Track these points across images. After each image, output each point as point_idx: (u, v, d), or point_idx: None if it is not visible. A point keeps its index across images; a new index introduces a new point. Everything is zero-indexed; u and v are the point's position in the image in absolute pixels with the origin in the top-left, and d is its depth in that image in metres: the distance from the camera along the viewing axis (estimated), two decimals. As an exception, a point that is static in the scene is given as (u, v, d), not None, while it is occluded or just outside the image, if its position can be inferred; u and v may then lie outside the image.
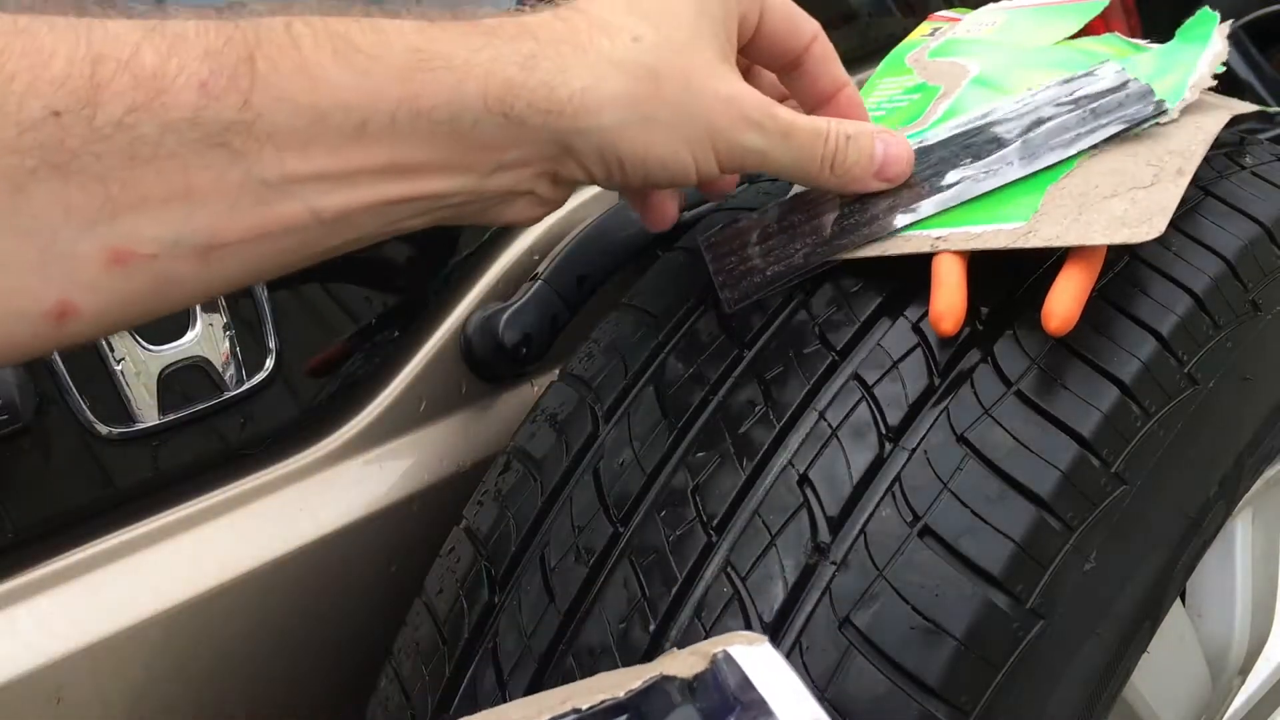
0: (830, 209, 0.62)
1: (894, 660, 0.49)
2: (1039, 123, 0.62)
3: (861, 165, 0.57)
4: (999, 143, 0.61)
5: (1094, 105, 0.61)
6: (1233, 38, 1.03)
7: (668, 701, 0.40)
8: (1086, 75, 0.64)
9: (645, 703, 0.40)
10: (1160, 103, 0.59)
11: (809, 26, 0.57)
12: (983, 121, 0.64)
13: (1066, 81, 0.64)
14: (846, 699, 0.48)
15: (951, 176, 0.60)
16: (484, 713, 0.40)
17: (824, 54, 0.58)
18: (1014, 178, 0.59)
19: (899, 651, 0.49)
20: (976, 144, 0.62)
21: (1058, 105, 0.62)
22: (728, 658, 0.40)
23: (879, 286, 0.59)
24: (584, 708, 0.39)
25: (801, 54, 0.57)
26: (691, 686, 0.41)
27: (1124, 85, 0.62)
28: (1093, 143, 0.59)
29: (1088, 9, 0.77)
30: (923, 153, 0.63)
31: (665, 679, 0.40)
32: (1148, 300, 0.56)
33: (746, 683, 0.39)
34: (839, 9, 1.00)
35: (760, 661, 0.40)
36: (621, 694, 0.40)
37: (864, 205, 0.61)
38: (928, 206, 0.59)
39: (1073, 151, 0.59)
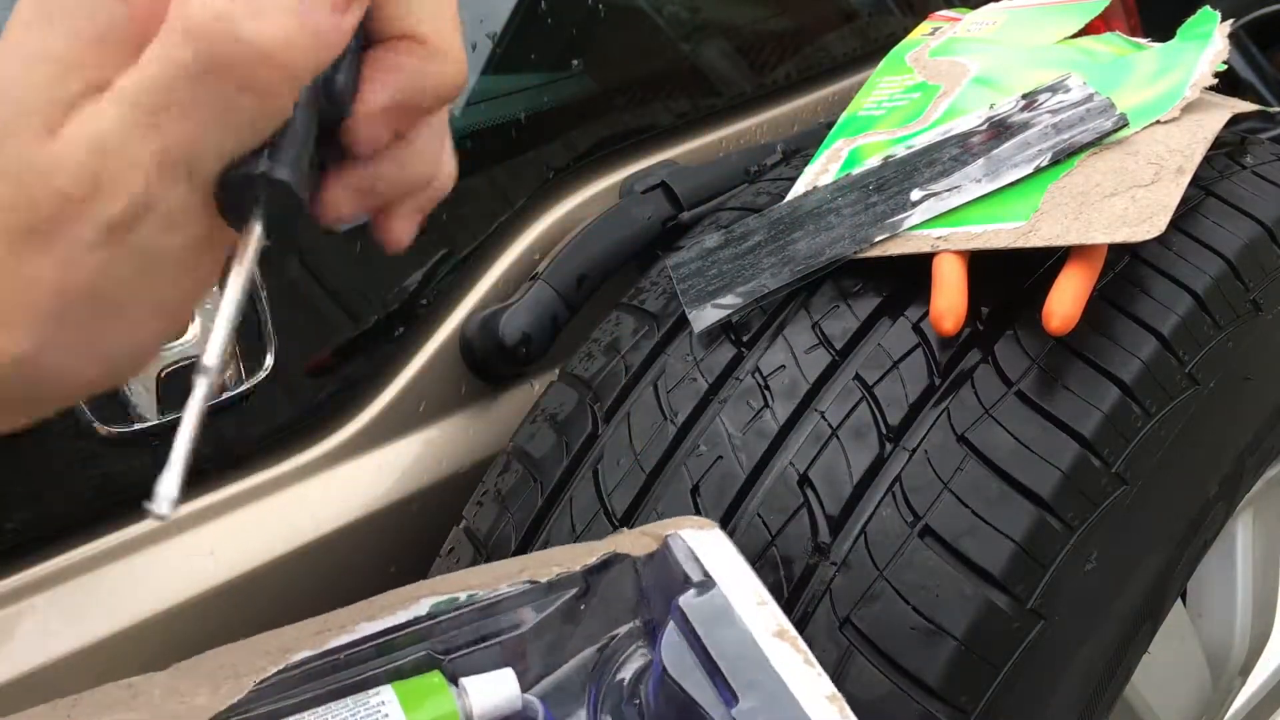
0: (798, 230, 0.62)
1: (894, 660, 0.48)
2: (1002, 138, 0.62)
3: None
4: (962, 159, 0.61)
5: (1057, 120, 0.61)
6: (1233, 37, 1.03)
7: (620, 577, 0.42)
8: (1051, 89, 0.64)
9: (598, 578, 0.42)
10: (1122, 116, 0.59)
11: None
12: (945, 136, 0.64)
13: (1028, 96, 0.64)
14: (847, 699, 0.48)
15: (915, 195, 0.60)
16: (447, 575, 0.41)
17: None
18: (978, 194, 0.59)
19: (899, 652, 0.48)
20: (941, 160, 0.62)
21: (1021, 119, 0.63)
22: (678, 539, 0.43)
23: (879, 286, 0.59)
24: (540, 579, 0.41)
25: None
26: (645, 564, 0.43)
27: (1088, 99, 0.62)
28: (1055, 158, 0.59)
29: (1088, 8, 0.77)
30: (897, 165, 0.63)
31: (618, 556, 0.42)
32: (1148, 300, 0.56)
33: (695, 561, 0.41)
34: (839, 9, 1.00)
35: (708, 543, 0.42)
36: (577, 568, 0.41)
37: (830, 226, 0.61)
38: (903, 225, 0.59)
39: (1033, 168, 0.59)
